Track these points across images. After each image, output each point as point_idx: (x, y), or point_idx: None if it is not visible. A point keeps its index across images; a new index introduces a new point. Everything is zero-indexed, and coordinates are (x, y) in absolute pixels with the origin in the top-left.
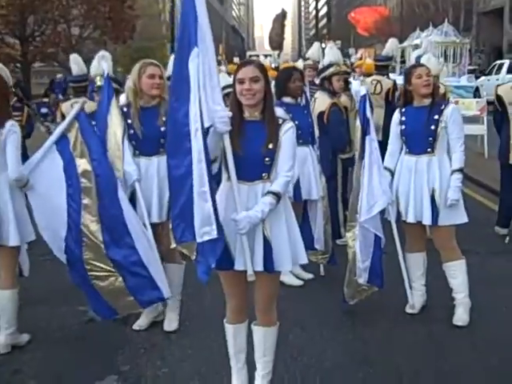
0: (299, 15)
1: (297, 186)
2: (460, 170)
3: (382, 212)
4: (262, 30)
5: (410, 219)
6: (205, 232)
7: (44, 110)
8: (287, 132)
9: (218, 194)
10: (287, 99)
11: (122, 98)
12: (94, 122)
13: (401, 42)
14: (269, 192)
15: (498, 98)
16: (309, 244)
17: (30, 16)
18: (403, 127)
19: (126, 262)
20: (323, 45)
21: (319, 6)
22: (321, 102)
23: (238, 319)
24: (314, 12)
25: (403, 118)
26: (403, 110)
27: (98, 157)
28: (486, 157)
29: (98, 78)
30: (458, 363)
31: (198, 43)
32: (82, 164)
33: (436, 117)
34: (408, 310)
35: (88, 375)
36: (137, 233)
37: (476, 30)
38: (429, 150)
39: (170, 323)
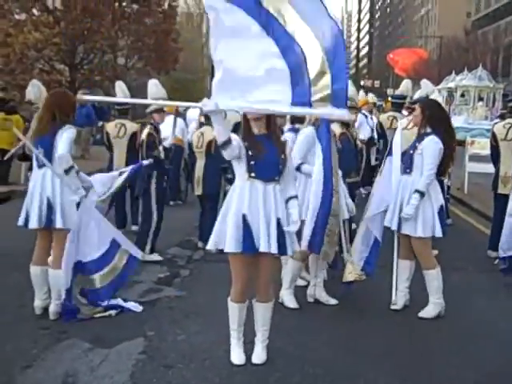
0: None
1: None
2: (419, 192)
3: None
4: None
5: (386, 223)
6: None
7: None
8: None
9: (239, 188)
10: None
11: None
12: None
13: (437, 84)
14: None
15: (493, 134)
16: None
17: (80, 45)
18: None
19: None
20: (362, 82)
21: (360, 46)
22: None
23: (241, 299)
24: (355, 52)
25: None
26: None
27: None
28: None
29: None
30: (424, 342)
31: None
32: None
33: (416, 144)
34: (392, 306)
35: (121, 336)
36: None
37: None
38: (407, 170)
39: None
